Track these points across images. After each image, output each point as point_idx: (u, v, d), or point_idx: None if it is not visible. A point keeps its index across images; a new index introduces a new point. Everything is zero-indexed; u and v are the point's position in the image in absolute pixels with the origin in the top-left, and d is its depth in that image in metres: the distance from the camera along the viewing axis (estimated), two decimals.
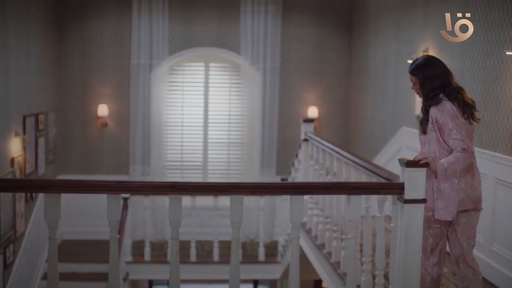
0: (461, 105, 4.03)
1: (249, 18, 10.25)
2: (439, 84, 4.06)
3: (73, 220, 10.13)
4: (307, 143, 7.28)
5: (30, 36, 8.55)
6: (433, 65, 4.12)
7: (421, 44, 7.03)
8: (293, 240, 3.88)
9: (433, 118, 4.00)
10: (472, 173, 4.04)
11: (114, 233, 3.69)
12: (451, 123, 3.91)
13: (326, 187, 3.89)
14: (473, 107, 4.08)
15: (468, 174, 4.02)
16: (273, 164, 10.52)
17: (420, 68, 4.14)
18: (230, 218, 3.74)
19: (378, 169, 4.43)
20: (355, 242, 4.12)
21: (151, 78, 10.24)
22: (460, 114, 4.00)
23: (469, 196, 4.03)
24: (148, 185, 3.72)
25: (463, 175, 3.98)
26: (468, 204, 4.03)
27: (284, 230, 8.87)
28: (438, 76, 4.07)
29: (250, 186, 3.74)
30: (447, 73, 4.11)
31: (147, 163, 10.36)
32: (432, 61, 4.16)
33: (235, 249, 3.79)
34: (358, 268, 4.80)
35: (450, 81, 4.09)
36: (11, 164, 7.68)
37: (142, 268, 9.48)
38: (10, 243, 7.61)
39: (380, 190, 3.90)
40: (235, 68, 10.57)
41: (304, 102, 10.66)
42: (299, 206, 3.78)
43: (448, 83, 4.07)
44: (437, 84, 4.06)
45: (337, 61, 10.64)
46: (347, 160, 5.24)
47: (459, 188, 3.97)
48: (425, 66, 4.12)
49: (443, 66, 4.15)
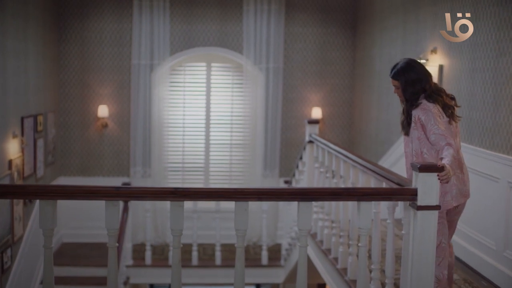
0: (442, 106, 4.16)
1: (251, 18, 10.09)
2: (420, 88, 4.17)
3: (72, 222, 10.02)
4: (312, 145, 7.11)
5: (29, 36, 8.38)
6: (414, 69, 4.22)
7: (429, 44, 6.86)
8: (301, 249, 3.70)
9: (415, 117, 4.10)
10: (461, 169, 4.17)
11: (113, 242, 3.52)
12: (433, 120, 4.01)
13: (336, 193, 3.70)
14: (453, 107, 4.21)
15: (458, 169, 4.13)
16: (276, 166, 10.35)
17: (401, 72, 4.23)
18: (235, 225, 3.57)
19: (389, 173, 4.25)
20: (365, 250, 3.94)
21: (152, 78, 10.09)
22: (441, 115, 4.12)
23: (461, 191, 4.14)
24: (148, 191, 3.53)
25: (454, 170, 4.02)
26: (460, 199, 4.14)
27: (287, 234, 8.72)
28: (419, 80, 4.17)
29: (256, 192, 3.55)
30: (427, 76, 4.22)
31: (148, 165, 10.21)
32: (413, 65, 4.26)
33: (240, 257, 3.61)
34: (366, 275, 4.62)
35: (430, 83, 4.20)
36: (8, 167, 7.51)
37: (143, 272, 9.33)
38: (7, 248, 7.45)
39: (392, 196, 3.72)
40: (237, 68, 10.41)
41: (308, 103, 10.50)
42: (307, 213, 3.60)
43: (428, 85, 4.18)
44: (418, 87, 4.17)
45: (341, 61, 10.48)
46: (354, 163, 5.06)
47: (452, 184, 4.07)
48: (406, 70, 4.22)
49: (424, 69, 4.26)
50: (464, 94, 5.99)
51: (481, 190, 5.52)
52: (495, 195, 5.30)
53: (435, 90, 4.19)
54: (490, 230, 5.40)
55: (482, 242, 5.54)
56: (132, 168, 10.21)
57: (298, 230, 3.68)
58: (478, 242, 5.61)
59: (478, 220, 5.63)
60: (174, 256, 3.57)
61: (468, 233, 5.79)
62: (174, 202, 3.49)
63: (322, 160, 6.45)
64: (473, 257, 5.64)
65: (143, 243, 9.75)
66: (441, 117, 4.07)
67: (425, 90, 4.15)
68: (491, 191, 5.39)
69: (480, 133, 5.68)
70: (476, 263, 5.59)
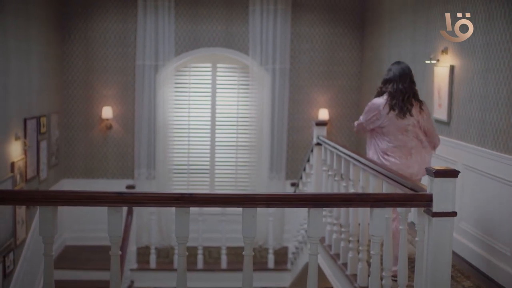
0: (399, 104, 5.08)
1: (257, 18, 9.96)
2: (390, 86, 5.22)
3: (76, 225, 9.91)
4: (319, 147, 6.96)
5: (31, 36, 8.26)
6: (388, 71, 5.35)
7: (440, 44, 6.70)
8: (311, 257, 3.54)
9: None
10: (409, 155, 5.13)
11: (115, 249, 3.38)
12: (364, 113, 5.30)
13: (348, 199, 3.54)
14: (408, 108, 5.09)
15: (405, 155, 5.13)
16: (282, 168, 10.21)
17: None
18: (242, 232, 3.42)
19: (402, 177, 4.09)
20: (378, 258, 3.79)
21: (156, 79, 9.96)
22: (388, 111, 5.09)
23: (401, 170, 4.88)
24: (152, 197, 3.38)
25: (400, 154, 5.12)
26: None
27: (294, 237, 8.57)
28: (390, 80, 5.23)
29: (265, 198, 3.40)
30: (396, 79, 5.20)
31: (153, 167, 10.08)
32: (389, 68, 5.39)
33: (248, 266, 3.46)
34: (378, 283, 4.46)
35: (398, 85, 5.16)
36: (11, 169, 7.39)
37: (148, 275, 9.22)
38: (10, 251, 7.33)
39: (406, 202, 3.57)
40: (243, 69, 10.27)
41: (315, 104, 10.36)
42: (318, 220, 3.45)
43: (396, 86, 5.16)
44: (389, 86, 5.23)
45: (349, 62, 10.33)
46: (365, 166, 4.91)
47: (393, 163, 5.05)
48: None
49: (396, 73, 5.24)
50: (477, 95, 5.83)
51: (495, 195, 5.37)
52: (510, 200, 5.14)
53: (399, 90, 5.14)
54: (505, 236, 5.24)
55: (496, 248, 5.38)
56: (137, 170, 10.08)
57: (308, 238, 3.53)
58: (493, 249, 5.45)
59: (493, 225, 5.47)
60: (180, 265, 3.42)
61: (482, 239, 5.63)
62: (180, 209, 3.35)
63: (330, 163, 6.29)
64: (488, 264, 5.48)
65: (147, 246, 9.63)
66: (381, 113, 5.12)
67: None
68: (505, 196, 5.23)
69: (493, 135, 5.52)
70: (490, 269, 5.43)
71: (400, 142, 5.09)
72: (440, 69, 6.63)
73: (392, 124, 5.07)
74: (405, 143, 5.10)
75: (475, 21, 5.84)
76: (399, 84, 5.14)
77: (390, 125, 5.09)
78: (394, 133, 5.10)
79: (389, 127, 5.10)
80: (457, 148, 6.21)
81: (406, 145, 5.10)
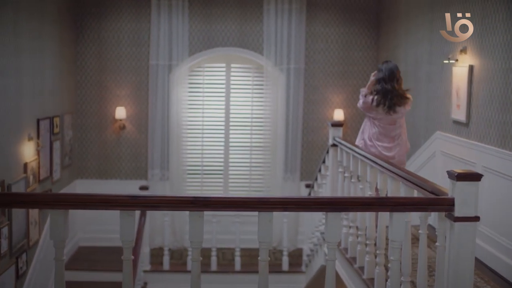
0: (387, 102, 6.10)
1: (272, 17, 9.86)
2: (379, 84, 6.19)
3: (89, 226, 9.86)
4: (335, 149, 6.85)
5: (44, 35, 8.21)
6: (379, 71, 6.26)
7: (458, 44, 6.56)
8: (329, 263, 3.44)
9: None
10: (391, 141, 6.23)
11: (128, 254, 3.29)
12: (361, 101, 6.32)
13: (367, 203, 3.43)
14: (394, 105, 6.10)
15: (387, 141, 6.22)
16: (297, 169, 10.10)
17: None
18: (258, 237, 3.33)
19: (421, 180, 3.98)
20: (397, 264, 3.68)
21: (170, 79, 9.89)
22: (375, 106, 6.13)
23: (382, 154, 6.01)
24: (166, 200, 3.29)
25: (383, 139, 6.23)
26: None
27: (309, 239, 8.47)
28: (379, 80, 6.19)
29: (282, 201, 3.30)
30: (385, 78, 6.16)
31: (166, 167, 10.01)
32: (379, 68, 6.31)
33: (264, 272, 3.37)
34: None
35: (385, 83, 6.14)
36: (24, 170, 7.34)
37: (161, 277, 9.18)
38: (23, 252, 7.28)
39: (427, 206, 3.46)
40: (257, 69, 10.18)
41: (330, 105, 10.25)
42: (336, 224, 3.35)
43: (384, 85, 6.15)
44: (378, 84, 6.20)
45: (364, 62, 10.20)
46: (382, 169, 4.80)
47: (375, 147, 6.17)
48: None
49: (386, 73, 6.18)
50: (497, 96, 5.70)
51: None
52: None
53: (386, 90, 6.12)
54: None
55: None
56: (150, 171, 10.02)
57: (326, 243, 3.43)
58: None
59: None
60: (194, 270, 3.33)
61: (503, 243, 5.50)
62: (194, 212, 3.26)
63: (346, 164, 6.19)
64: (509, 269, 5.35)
65: (161, 247, 9.57)
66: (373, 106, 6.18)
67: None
68: None
69: None
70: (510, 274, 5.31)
71: (387, 131, 6.20)
72: (459, 69, 6.50)
73: (383, 117, 6.15)
74: (390, 132, 6.22)
75: (495, 20, 5.72)
76: (388, 84, 6.09)
77: (382, 118, 6.17)
78: (384, 124, 6.19)
79: (381, 120, 6.18)
80: (476, 149, 6.08)
81: (390, 133, 6.22)
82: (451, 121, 6.80)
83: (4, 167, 6.71)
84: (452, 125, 6.79)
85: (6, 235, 6.69)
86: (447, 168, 6.75)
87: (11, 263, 6.84)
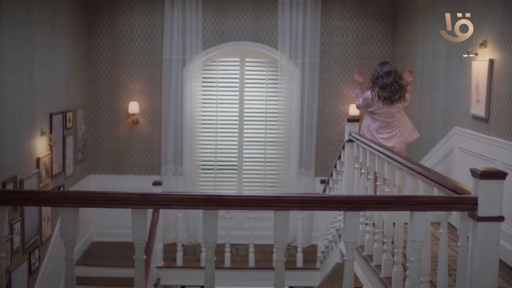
0: (387, 95, 6.83)
1: (287, 11, 9.73)
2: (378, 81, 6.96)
3: (102, 221, 9.80)
4: (351, 144, 6.73)
5: (57, 30, 8.13)
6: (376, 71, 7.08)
7: (478, 37, 6.41)
8: (347, 263, 3.33)
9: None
10: (390, 131, 6.90)
11: (140, 254, 3.19)
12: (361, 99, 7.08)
13: (386, 202, 3.31)
14: (389, 97, 6.83)
15: (386, 131, 6.91)
16: (312, 164, 9.98)
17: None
18: (274, 237, 3.22)
19: (441, 178, 3.85)
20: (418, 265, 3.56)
21: (184, 73, 9.80)
22: (376, 100, 6.84)
23: (383, 144, 6.31)
24: (178, 199, 3.19)
25: (383, 131, 6.92)
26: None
27: (324, 235, 8.35)
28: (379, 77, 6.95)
29: (298, 200, 3.18)
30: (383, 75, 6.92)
31: (180, 163, 9.93)
32: (376, 69, 7.17)
33: (280, 273, 3.26)
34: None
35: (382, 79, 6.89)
36: (36, 165, 7.28)
37: (174, 273, 9.07)
38: (35, 248, 7.23)
39: (450, 206, 3.33)
40: (272, 63, 10.06)
41: (345, 99, 10.11)
42: (355, 224, 3.24)
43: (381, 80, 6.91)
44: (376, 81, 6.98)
45: (380, 56, 10.04)
46: (401, 165, 4.67)
47: (378, 139, 6.74)
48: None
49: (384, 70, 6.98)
50: None
51: None
52: None
53: (384, 85, 6.88)
54: None
55: None
56: (164, 166, 9.94)
57: (344, 243, 3.31)
58: None
59: None
60: (208, 270, 3.23)
61: None
62: (208, 211, 3.16)
63: (363, 160, 6.06)
64: None
65: (174, 243, 9.49)
66: (374, 101, 6.90)
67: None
68: None
69: None
70: None
71: (386, 123, 6.89)
72: (478, 63, 6.35)
73: (382, 110, 6.81)
74: (389, 124, 6.90)
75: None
76: (386, 79, 6.83)
77: (382, 112, 6.81)
78: (383, 117, 6.84)
79: (381, 114, 6.81)
80: (496, 145, 5.93)
81: (389, 125, 6.91)
82: (470, 117, 6.65)
83: (16, 162, 6.65)
84: (471, 121, 6.64)
85: (19, 231, 6.64)
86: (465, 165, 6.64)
87: (23, 259, 6.79)
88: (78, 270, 8.84)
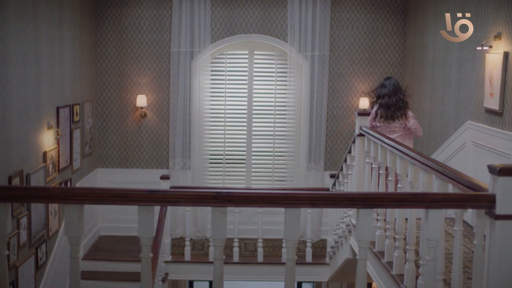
0: (389, 114, 6.92)
1: (296, 3, 9.62)
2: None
3: (110, 215, 9.74)
4: (362, 138, 6.60)
5: (64, 22, 8.05)
6: (382, 87, 7.08)
7: (492, 29, 6.29)
8: (360, 262, 3.22)
9: None
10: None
11: (146, 252, 3.10)
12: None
13: (401, 200, 3.19)
14: (391, 116, 6.92)
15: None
16: (321, 158, 9.88)
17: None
18: (284, 235, 3.11)
19: (456, 174, 3.74)
20: (433, 265, 3.45)
21: (192, 66, 9.70)
22: (378, 117, 6.98)
23: None
24: (186, 195, 3.09)
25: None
26: None
27: (333, 230, 8.25)
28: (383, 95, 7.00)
29: (310, 197, 3.07)
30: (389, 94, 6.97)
31: (188, 156, 9.85)
32: (383, 84, 7.12)
33: (291, 272, 3.16)
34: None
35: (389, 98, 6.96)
36: (43, 159, 7.21)
37: (182, 268, 8.97)
38: (42, 243, 7.17)
39: (466, 203, 3.21)
40: (281, 56, 9.94)
41: (355, 93, 10.00)
42: (368, 222, 3.13)
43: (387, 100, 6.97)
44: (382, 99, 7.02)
45: (391, 48, 9.92)
46: (414, 160, 4.56)
47: None
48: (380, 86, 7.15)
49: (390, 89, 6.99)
50: None
51: None
52: None
53: (386, 104, 6.97)
54: None
55: None
56: (171, 160, 9.86)
57: (357, 242, 3.21)
58: None
59: None
60: (216, 270, 3.13)
61: None
62: (216, 208, 3.06)
63: (374, 155, 5.95)
64: None
65: (182, 237, 9.42)
66: (376, 118, 7.03)
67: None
68: None
69: None
70: None
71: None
72: (493, 56, 6.22)
73: (383, 126, 6.98)
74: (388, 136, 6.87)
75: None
76: (392, 98, 6.92)
77: (382, 127, 6.97)
78: (384, 132, 6.85)
79: (381, 129, 6.94)
80: (510, 140, 5.81)
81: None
82: (483, 110, 6.53)
83: (23, 156, 6.58)
84: (484, 114, 6.52)
85: (25, 225, 6.58)
86: (478, 160, 6.53)
87: (30, 254, 6.73)
88: (86, 265, 8.82)
